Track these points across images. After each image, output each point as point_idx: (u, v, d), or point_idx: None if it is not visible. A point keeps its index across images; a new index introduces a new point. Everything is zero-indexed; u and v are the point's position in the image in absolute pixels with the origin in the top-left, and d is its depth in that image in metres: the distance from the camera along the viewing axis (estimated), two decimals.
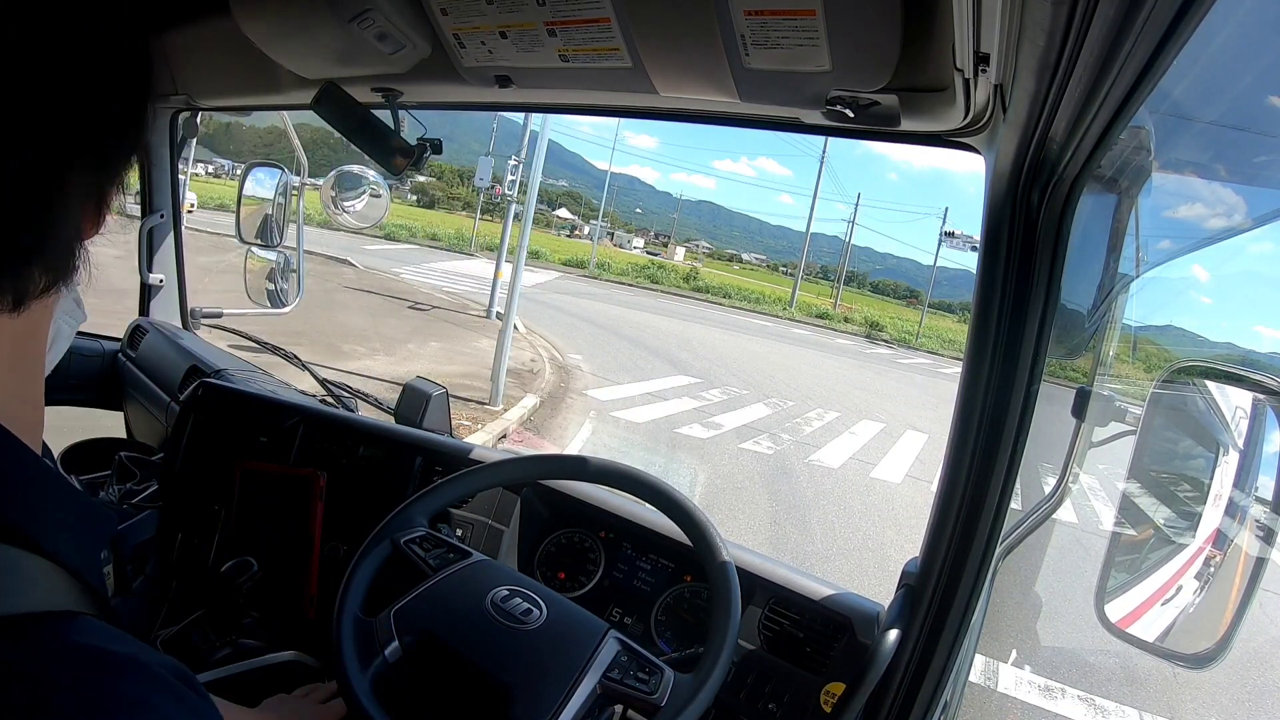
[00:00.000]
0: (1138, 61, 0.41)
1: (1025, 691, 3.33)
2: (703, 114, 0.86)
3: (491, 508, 1.21)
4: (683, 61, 0.70)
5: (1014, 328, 0.71)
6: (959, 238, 25.21)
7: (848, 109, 0.67)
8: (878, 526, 5.68)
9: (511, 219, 8.63)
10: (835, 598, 1.00)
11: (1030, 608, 1.72)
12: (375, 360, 7.43)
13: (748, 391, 10.38)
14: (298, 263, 1.81)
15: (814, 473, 6.80)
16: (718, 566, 0.91)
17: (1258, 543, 0.80)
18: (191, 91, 1.46)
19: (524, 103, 0.99)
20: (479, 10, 0.73)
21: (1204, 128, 0.71)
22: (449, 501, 1.05)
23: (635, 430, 7.12)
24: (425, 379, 1.46)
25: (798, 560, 4.46)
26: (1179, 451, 1.06)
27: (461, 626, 0.83)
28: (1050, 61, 0.43)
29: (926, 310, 42.86)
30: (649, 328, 16.07)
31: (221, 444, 1.36)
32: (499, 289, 10.81)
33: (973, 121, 0.65)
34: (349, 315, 9.67)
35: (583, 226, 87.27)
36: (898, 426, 10.01)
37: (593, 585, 1.15)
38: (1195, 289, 32.13)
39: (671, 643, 1.08)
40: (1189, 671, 3.47)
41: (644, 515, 1.16)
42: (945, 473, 0.77)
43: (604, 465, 1.03)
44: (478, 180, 10.44)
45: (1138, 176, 0.81)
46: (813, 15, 0.58)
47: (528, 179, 7.19)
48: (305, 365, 1.76)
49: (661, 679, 0.82)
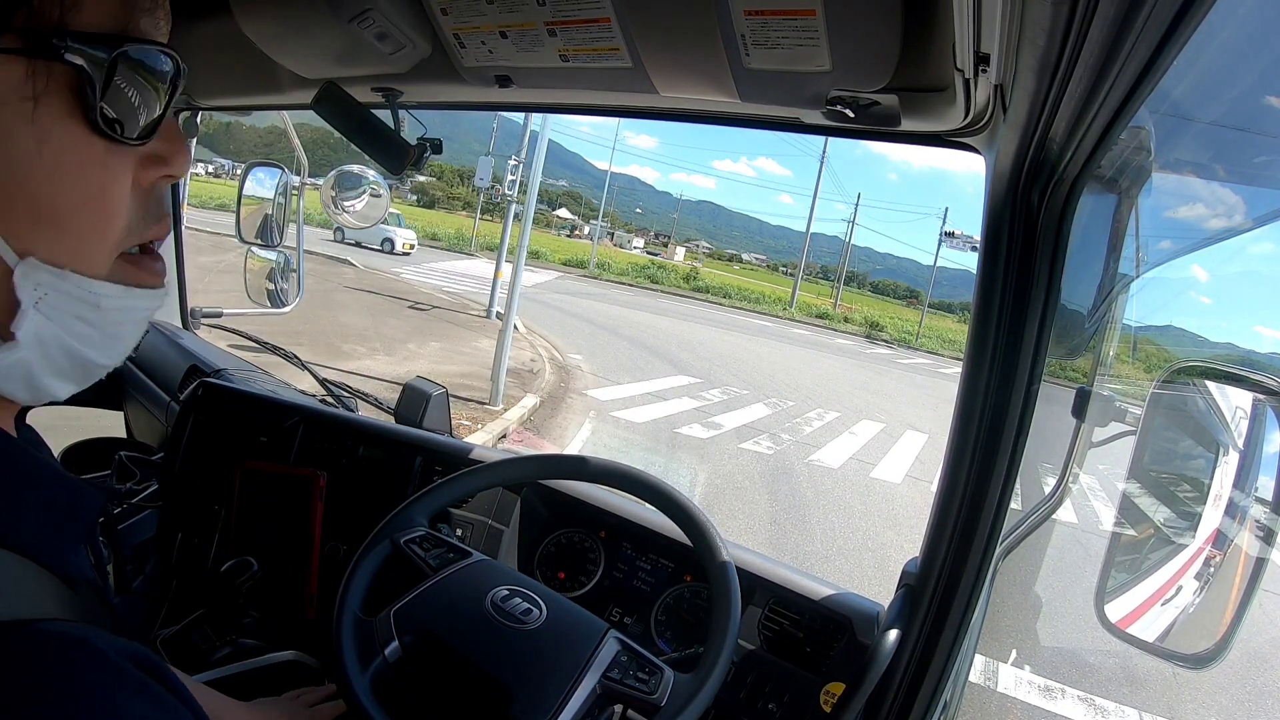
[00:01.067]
0: (1138, 61, 0.41)
1: (1025, 691, 3.33)
2: (703, 114, 0.86)
3: (491, 508, 1.21)
4: (683, 61, 0.70)
5: (1014, 328, 0.71)
6: (959, 238, 25.21)
7: (848, 109, 0.67)
8: (878, 526, 5.68)
9: (511, 219, 8.63)
10: (835, 598, 1.00)
11: (1030, 608, 1.72)
12: (375, 360, 7.43)
13: (748, 391, 10.38)
14: (298, 263, 1.81)
15: (814, 473, 6.80)
16: (718, 566, 0.91)
17: (1258, 543, 0.80)
18: (191, 91, 1.46)
19: (524, 103, 0.99)
20: (479, 10, 0.73)
21: (1204, 128, 0.71)
22: (449, 501, 1.05)
23: (635, 430, 7.12)
24: (425, 379, 1.46)
25: (798, 560, 4.46)
26: (1179, 451, 1.06)
27: (461, 626, 0.83)
28: (1050, 61, 0.43)
29: (926, 310, 42.83)
30: (649, 327, 16.07)
31: (221, 444, 1.36)
32: (499, 289, 10.82)
33: (973, 121, 0.65)
34: (349, 315, 9.67)
35: (583, 226, 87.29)
36: (898, 426, 10.00)
37: (593, 585, 1.15)
38: (1195, 289, 32.10)
39: (671, 643, 1.08)
40: (1189, 671, 3.47)
41: (644, 515, 1.16)
42: (945, 473, 0.77)
43: (604, 465, 1.03)
44: (478, 180, 10.43)
45: (1138, 176, 0.81)
46: (813, 15, 0.58)
47: (528, 179, 7.20)
48: (305, 365, 1.77)
49: (661, 679, 0.82)
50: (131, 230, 0.41)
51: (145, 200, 0.42)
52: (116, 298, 0.40)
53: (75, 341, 0.39)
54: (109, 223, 0.39)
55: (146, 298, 0.44)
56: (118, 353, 0.43)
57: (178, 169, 0.44)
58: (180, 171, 0.44)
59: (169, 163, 0.43)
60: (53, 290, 0.37)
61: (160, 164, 0.43)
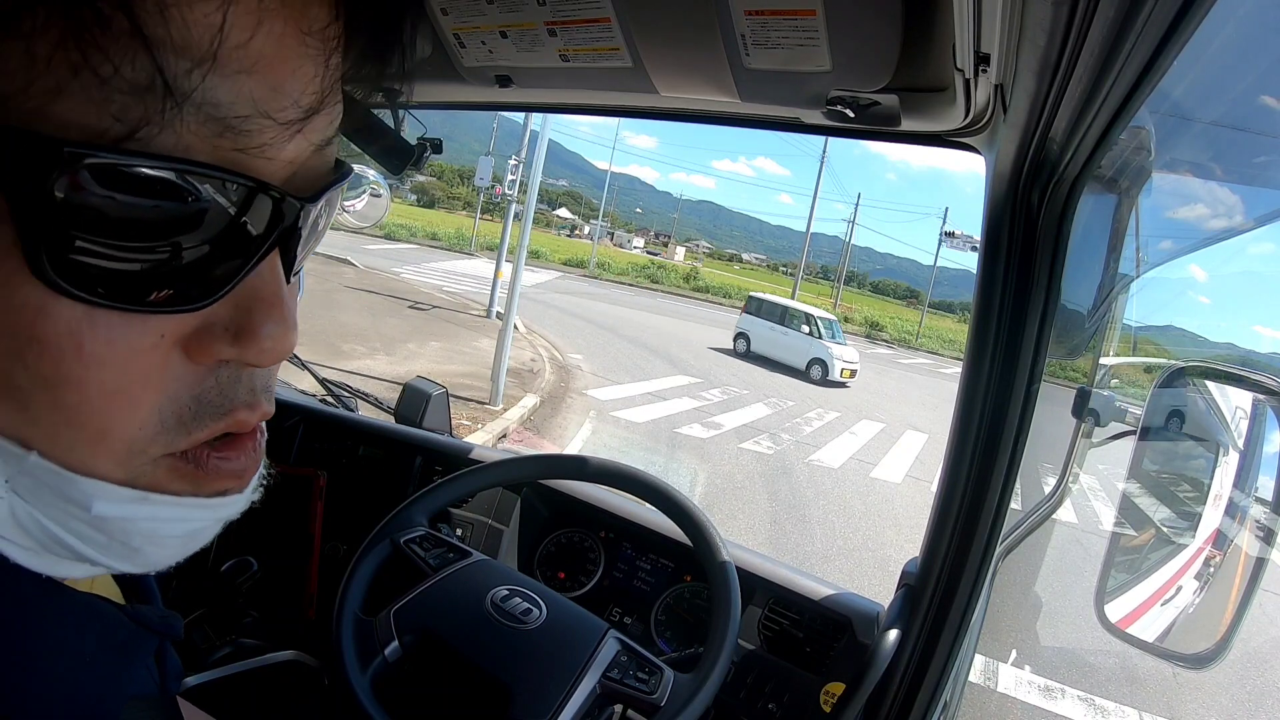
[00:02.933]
0: (1138, 61, 0.41)
1: (1025, 691, 3.33)
2: (703, 114, 0.86)
3: (491, 508, 1.21)
4: (683, 61, 0.70)
5: (1014, 328, 0.71)
6: (959, 238, 25.21)
7: (848, 109, 0.67)
8: (878, 526, 5.68)
9: (511, 219, 8.63)
10: (835, 598, 1.00)
11: (1030, 608, 1.72)
12: (375, 360, 7.43)
13: (748, 391, 10.38)
14: None
15: (814, 472, 6.80)
16: (718, 566, 0.91)
17: (1258, 543, 0.80)
18: None
19: (524, 103, 0.99)
20: (479, 10, 0.73)
21: (1204, 128, 0.71)
22: (449, 501, 1.05)
23: (635, 430, 7.12)
24: (425, 379, 1.46)
25: (798, 560, 4.46)
26: (1179, 451, 1.06)
27: (461, 626, 0.83)
28: (1050, 61, 0.43)
29: (926, 310, 42.88)
30: (649, 327, 16.07)
31: None
32: (499, 289, 10.81)
33: (973, 121, 0.65)
34: (349, 315, 9.66)
35: (583, 226, 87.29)
36: (898, 426, 10.01)
37: (593, 585, 1.15)
38: (1195, 289, 32.09)
39: (671, 642, 1.08)
40: (1189, 671, 3.47)
41: (644, 515, 1.16)
42: (945, 473, 0.77)
43: (604, 465, 1.03)
44: (478, 180, 10.44)
45: (1138, 176, 0.81)
46: (813, 15, 0.58)
47: (528, 179, 7.19)
48: (305, 365, 1.76)
49: (661, 679, 0.82)
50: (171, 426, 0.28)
51: (204, 383, 0.28)
52: (124, 504, 0.28)
53: (74, 540, 0.28)
54: (109, 414, 0.26)
55: (196, 508, 0.30)
56: (142, 563, 0.30)
57: (251, 354, 0.28)
58: (258, 360, 0.29)
59: (239, 341, 0.28)
60: (20, 475, 0.26)
61: (224, 340, 0.28)
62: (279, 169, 0.28)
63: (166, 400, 0.27)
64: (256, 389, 0.30)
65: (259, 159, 0.26)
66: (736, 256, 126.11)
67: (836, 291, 50.46)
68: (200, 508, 0.30)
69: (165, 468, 0.28)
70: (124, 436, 0.27)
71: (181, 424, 0.28)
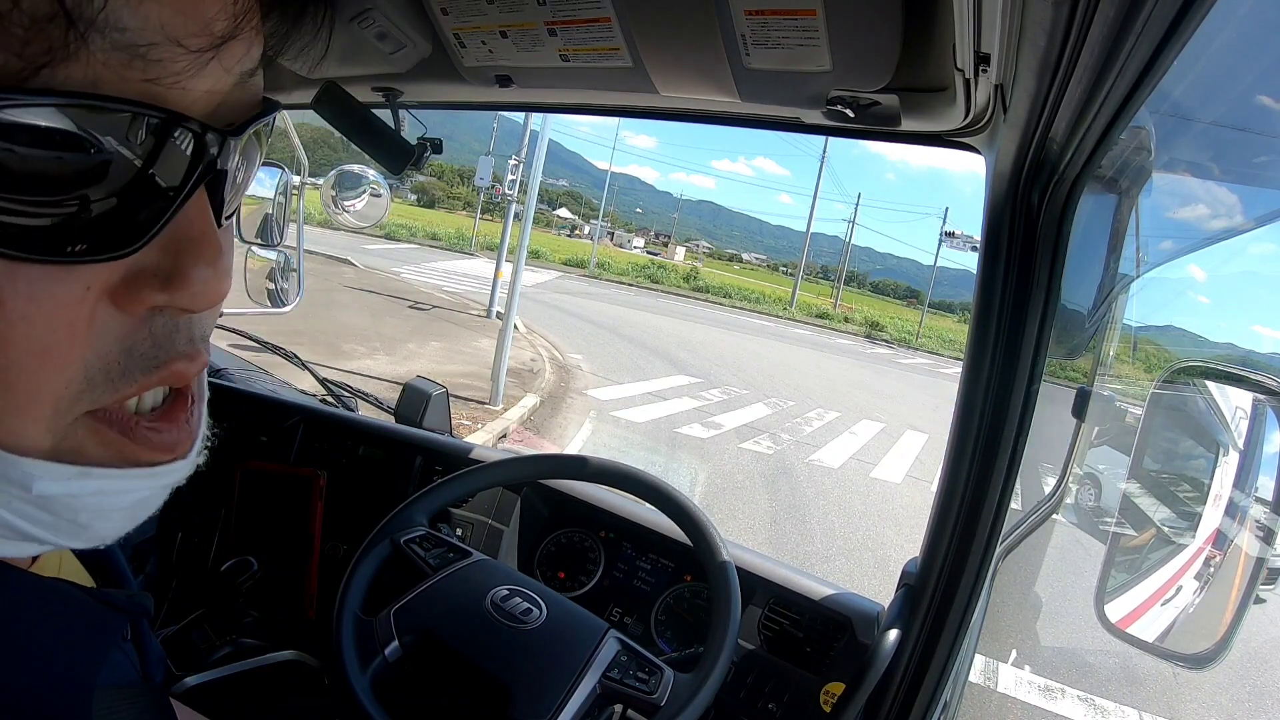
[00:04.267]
0: (1138, 61, 0.41)
1: (1025, 691, 3.33)
2: (703, 114, 0.86)
3: (491, 508, 1.21)
4: (683, 61, 0.70)
5: (1014, 328, 0.71)
6: (959, 238, 25.22)
7: (848, 109, 0.67)
8: (878, 526, 5.68)
9: (511, 218, 8.63)
10: (835, 597, 1.00)
11: (1030, 608, 1.72)
12: (375, 360, 7.43)
13: (748, 391, 10.38)
14: (298, 262, 1.81)
15: (814, 472, 6.80)
16: (718, 566, 0.91)
17: (1258, 543, 0.80)
18: None
19: (524, 102, 0.99)
20: (479, 10, 0.73)
21: (1204, 128, 0.71)
22: (449, 501, 1.05)
23: (635, 430, 7.12)
24: (425, 378, 1.46)
25: (798, 560, 4.47)
26: (1179, 451, 1.06)
27: (461, 626, 0.83)
28: (1050, 61, 0.43)
29: (926, 310, 42.86)
30: (649, 327, 16.07)
31: (221, 443, 1.36)
32: (499, 288, 10.81)
33: (973, 121, 0.65)
34: (349, 315, 9.66)
35: (583, 226, 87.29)
36: (898, 426, 10.01)
37: (593, 585, 1.15)
38: (1195, 289, 32.16)
39: (671, 642, 1.08)
40: (1189, 671, 3.47)
41: (644, 515, 1.16)
42: (945, 473, 0.77)
43: (604, 465, 1.03)
44: (478, 180, 10.43)
45: (1138, 176, 0.81)
46: (813, 15, 0.58)
47: (528, 178, 7.19)
48: (305, 365, 1.76)
49: (661, 678, 0.82)
50: (99, 382, 0.27)
51: (137, 334, 0.27)
52: (66, 481, 0.27)
53: (20, 520, 0.27)
54: (39, 373, 0.25)
55: (138, 478, 0.29)
56: (91, 538, 0.29)
57: (183, 299, 0.27)
58: (191, 305, 0.28)
59: (170, 287, 0.27)
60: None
61: (153, 286, 0.27)
62: (197, 101, 0.26)
63: (94, 355, 0.26)
64: (195, 337, 0.30)
65: (173, 89, 0.25)
66: (736, 256, 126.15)
67: (836, 291, 50.49)
68: (143, 477, 0.29)
69: (86, 429, 0.27)
70: (51, 397, 0.26)
71: (109, 379, 0.27)
